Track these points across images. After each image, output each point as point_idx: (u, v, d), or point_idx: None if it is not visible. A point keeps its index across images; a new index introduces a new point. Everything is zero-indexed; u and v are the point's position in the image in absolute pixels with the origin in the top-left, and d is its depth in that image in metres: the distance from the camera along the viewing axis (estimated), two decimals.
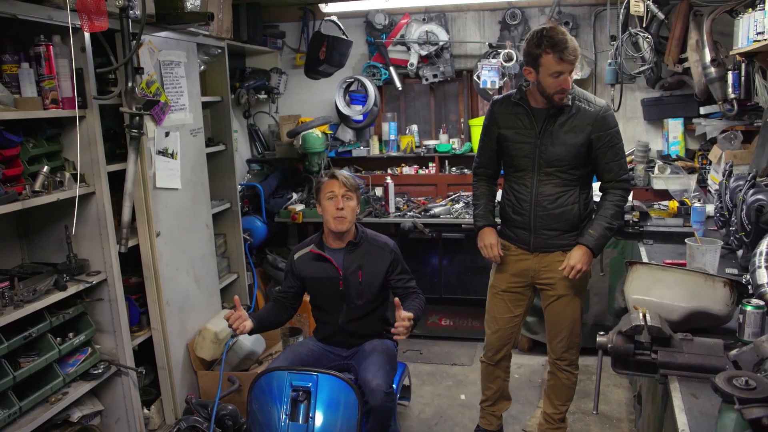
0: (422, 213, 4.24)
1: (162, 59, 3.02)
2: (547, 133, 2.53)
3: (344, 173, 2.73)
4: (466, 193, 4.43)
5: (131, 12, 2.47)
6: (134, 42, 2.49)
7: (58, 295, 2.46)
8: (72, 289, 2.52)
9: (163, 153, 3.06)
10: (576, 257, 2.56)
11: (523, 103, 2.57)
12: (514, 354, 4.05)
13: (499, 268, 2.81)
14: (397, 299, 2.49)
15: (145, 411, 3.03)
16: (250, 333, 2.58)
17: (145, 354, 3.08)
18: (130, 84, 2.51)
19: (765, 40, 2.68)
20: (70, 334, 2.60)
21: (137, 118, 2.54)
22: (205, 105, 3.63)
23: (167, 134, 3.08)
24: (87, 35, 2.47)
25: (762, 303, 1.79)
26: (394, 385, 2.69)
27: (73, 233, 2.47)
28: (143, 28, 2.44)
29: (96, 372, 2.68)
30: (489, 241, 2.72)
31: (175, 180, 3.16)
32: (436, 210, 4.22)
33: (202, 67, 3.57)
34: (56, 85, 2.42)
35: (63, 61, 2.41)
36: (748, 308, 1.78)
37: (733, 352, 1.54)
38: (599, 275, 3.84)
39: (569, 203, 2.59)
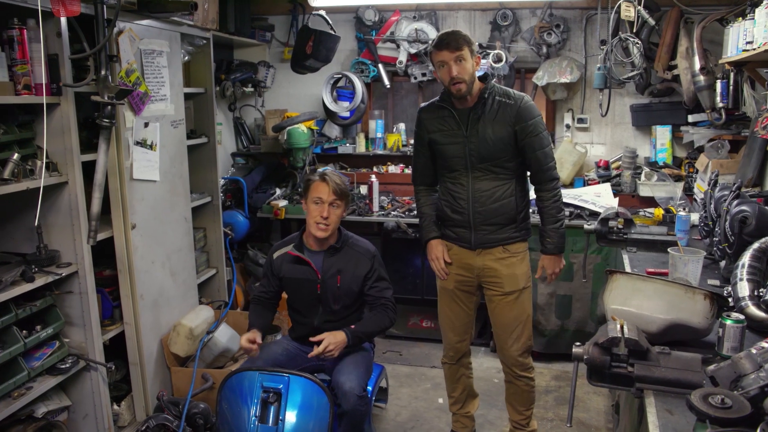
0: (406, 213, 4.19)
1: (143, 48, 2.94)
2: (474, 131, 2.59)
3: (335, 176, 2.66)
4: None
5: None
6: (108, 29, 2.41)
7: (25, 287, 2.38)
8: (40, 281, 2.45)
9: (142, 144, 2.98)
10: (549, 265, 2.75)
11: (446, 105, 2.63)
12: (494, 358, 4.04)
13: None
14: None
15: (115, 407, 2.96)
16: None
17: (117, 348, 3.01)
18: (103, 72, 2.43)
19: (754, 49, 2.66)
20: (38, 327, 2.51)
21: (109, 107, 2.46)
22: (188, 96, 3.55)
23: (146, 125, 3.00)
24: (63, 20, 2.39)
25: (742, 317, 1.76)
26: (369, 388, 2.65)
27: (36, 224, 2.38)
28: (118, 14, 2.36)
29: (63, 366, 2.60)
30: (435, 254, 2.79)
31: (153, 172, 3.09)
32: None
33: (186, 58, 3.50)
34: (29, 71, 2.34)
35: (37, 46, 2.33)
36: (728, 322, 1.75)
37: (711, 367, 1.50)
38: (582, 281, 3.82)
39: (506, 196, 2.64)
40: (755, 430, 1.16)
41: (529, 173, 2.73)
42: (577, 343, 1.69)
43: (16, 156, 2.35)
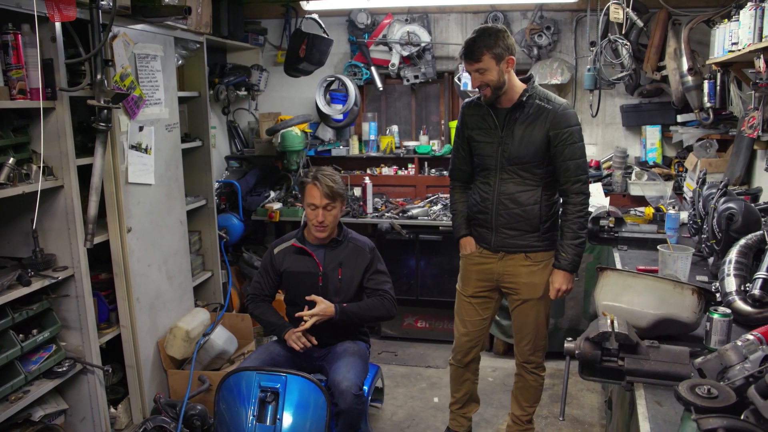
0: (400, 214, 4.22)
1: (137, 52, 2.97)
2: (509, 132, 2.58)
3: (327, 179, 2.62)
4: (445, 195, 4.43)
5: (102, 2, 2.41)
6: (104, 33, 2.43)
7: (22, 291, 2.39)
8: (36, 285, 2.46)
9: (137, 148, 3.00)
10: (558, 281, 2.67)
11: (486, 103, 2.63)
12: (490, 357, 4.08)
13: (465, 273, 2.86)
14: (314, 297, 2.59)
15: (112, 410, 2.97)
16: None
17: (114, 351, 3.03)
18: (99, 76, 2.45)
19: (739, 50, 2.71)
20: (34, 331, 2.52)
21: (105, 111, 2.48)
22: (182, 100, 3.57)
23: (141, 129, 3.03)
24: (58, 25, 2.41)
25: (728, 311, 1.80)
26: (365, 387, 2.67)
27: (33, 228, 2.40)
28: (113, 18, 2.39)
29: (60, 370, 2.61)
30: (470, 250, 2.80)
31: (149, 175, 3.10)
32: (414, 211, 4.21)
33: (180, 62, 3.52)
34: (24, 75, 2.36)
35: (32, 51, 2.35)
36: (715, 316, 1.79)
37: (699, 360, 1.53)
38: (574, 279, 3.86)
39: (530, 203, 2.61)
40: (740, 417, 1.20)
41: (559, 182, 2.66)
42: (569, 339, 1.72)
43: (11, 160, 2.37)
